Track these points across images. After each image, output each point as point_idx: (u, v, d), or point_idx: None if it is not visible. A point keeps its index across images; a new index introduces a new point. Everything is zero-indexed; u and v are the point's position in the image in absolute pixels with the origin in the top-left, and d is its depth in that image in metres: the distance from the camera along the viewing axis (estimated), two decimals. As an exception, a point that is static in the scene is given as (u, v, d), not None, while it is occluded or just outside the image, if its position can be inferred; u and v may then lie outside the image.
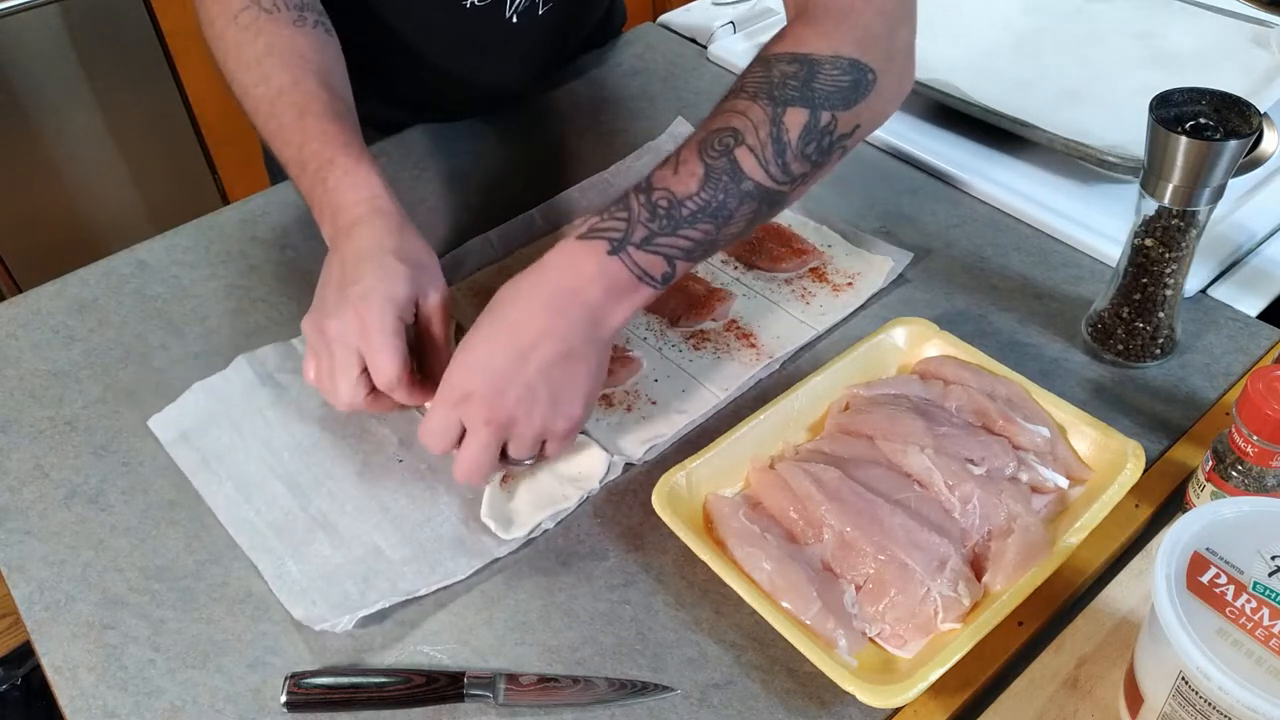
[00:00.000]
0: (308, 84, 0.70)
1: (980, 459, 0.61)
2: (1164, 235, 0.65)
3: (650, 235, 0.59)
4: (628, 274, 0.59)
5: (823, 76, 0.61)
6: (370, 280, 0.61)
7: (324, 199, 0.66)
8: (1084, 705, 0.52)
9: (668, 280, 0.61)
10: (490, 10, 0.89)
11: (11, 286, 1.92)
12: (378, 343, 0.59)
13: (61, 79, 1.82)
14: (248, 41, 0.72)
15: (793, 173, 0.61)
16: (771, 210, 0.63)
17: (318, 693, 0.54)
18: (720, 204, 0.59)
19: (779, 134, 0.60)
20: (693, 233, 0.59)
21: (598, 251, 0.59)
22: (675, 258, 0.60)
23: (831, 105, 0.61)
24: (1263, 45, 0.95)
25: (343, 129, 0.68)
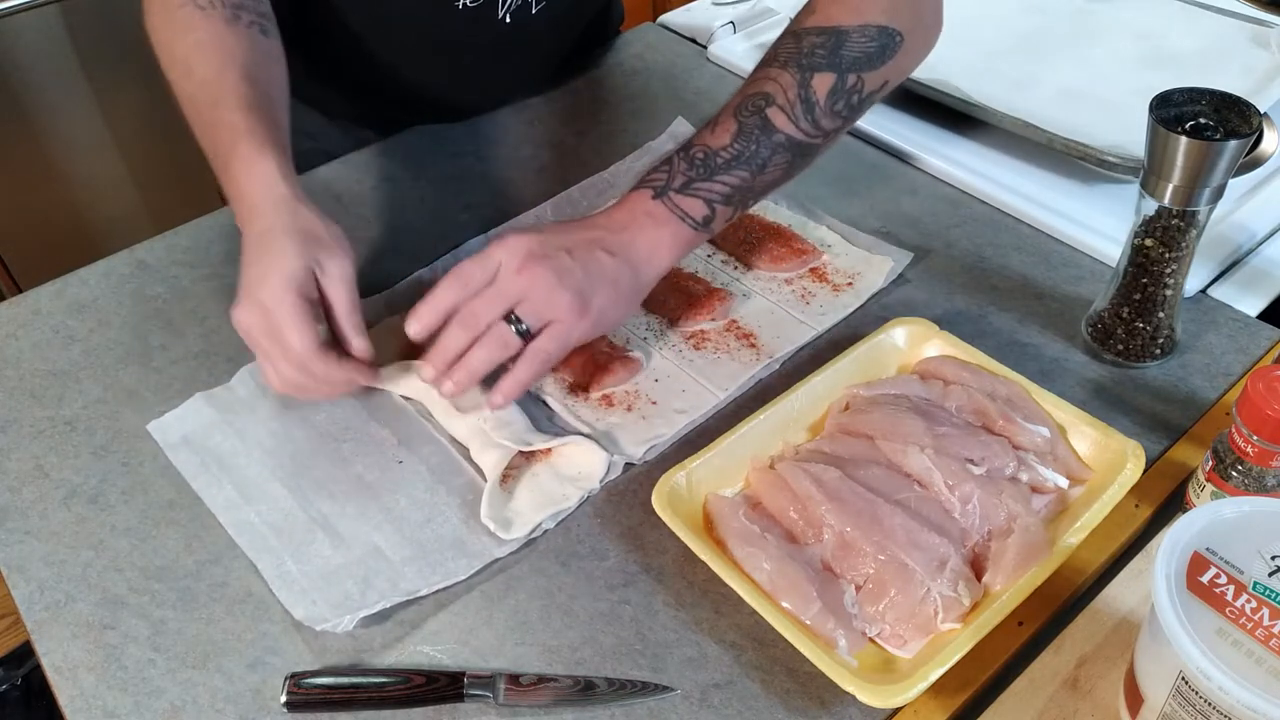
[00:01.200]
0: (228, 77, 0.70)
1: (980, 459, 0.61)
2: (1164, 235, 0.65)
3: (689, 181, 0.67)
4: (669, 214, 0.67)
5: (850, 44, 0.68)
6: (265, 261, 0.62)
7: (230, 188, 0.68)
8: (1084, 705, 0.52)
9: (708, 223, 0.68)
10: (483, 10, 0.89)
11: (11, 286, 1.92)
12: (279, 322, 0.61)
13: (61, 79, 1.82)
14: (179, 36, 0.73)
15: (824, 127, 0.69)
16: (805, 160, 0.70)
17: (318, 693, 0.54)
18: (753, 153, 0.67)
19: (808, 95, 0.67)
20: (729, 178, 0.67)
21: (645, 197, 0.67)
22: (714, 201, 0.67)
23: (858, 68, 0.68)
24: (1263, 45, 0.95)
25: (251, 119, 0.68)
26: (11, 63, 1.75)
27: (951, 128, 0.93)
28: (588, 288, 0.64)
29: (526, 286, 0.63)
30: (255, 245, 0.64)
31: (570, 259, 0.64)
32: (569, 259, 0.63)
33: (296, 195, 0.66)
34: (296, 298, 0.61)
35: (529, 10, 0.92)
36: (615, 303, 0.66)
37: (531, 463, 0.66)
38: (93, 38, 1.82)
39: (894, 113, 0.96)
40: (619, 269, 0.65)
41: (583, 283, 0.63)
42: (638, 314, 0.77)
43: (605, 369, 0.70)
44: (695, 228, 0.67)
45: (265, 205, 0.65)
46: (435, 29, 0.91)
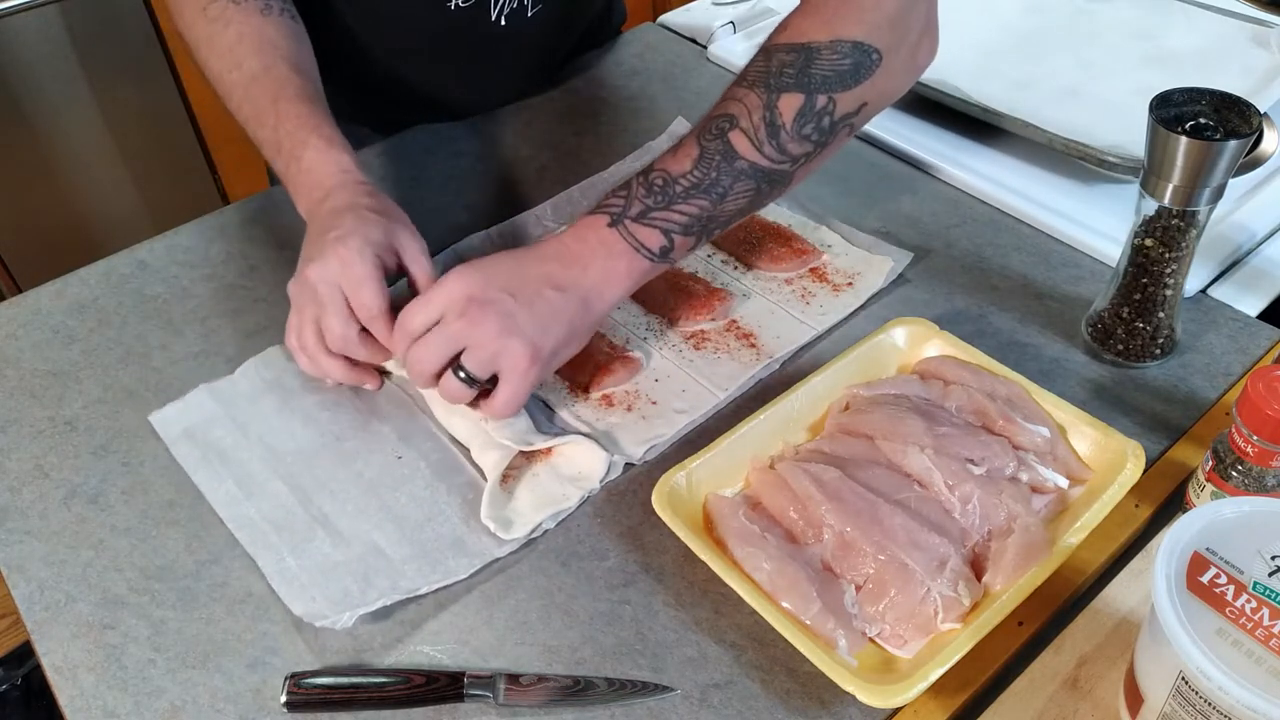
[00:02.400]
0: (279, 69, 0.74)
1: (980, 459, 0.61)
2: (1164, 235, 0.65)
3: (646, 210, 0.63)
4: (625, 245, 0.63)
5: (820, 62, 0.63)
6: (348, 225, 0.65)
7: (299, 177, 0.71)
8: (1084, 705, 0.52)
9: (665, 255, 0.64)
10: (475, 12, 0.89)
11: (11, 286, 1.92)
12: (359, 275, 0.63)
13: (61, 79, 1.82)
14: (219, 31, 0.76)
15: (791, 153, 0.64)
16: (774, 188, 0.66)
17: (318, 693, 0.54)
18: (714, 181, 0.63)
19: (772, 118, 0.63)
20: (688, 208, 0.63)
21: (599, 224, 0.64)
22: (672, 231, 0.64)
23: (829, 88, 0.63)
24: (1263, 45, 0.95)
25: (314, 112, 0.72)
26: (11, 63, 1.75)
27: (951, 128, 0.93)
28: (534, 331, 0.61)
29: (470, 334, 0.61)
30: (332, 217, 0.66)
31: (515, 302, 0.61)
32: (513, 302, 0.61)
33: (372, 184, 0.71)
34: (376, 259, 0.64)
35: (524, 14, 0.92)
36: (567, 342, 0.64)
37: (531, 463, 0.66)
38: (93, 38, 1.82)
39: (893, 112, 0.96)
40: (569, 307, 0.63)
41: (531, 328, 0.61)
42: (637, 314, 0.77)
43: (605, 369, 0.70)
44: (651, 259, 0.64)
45: (343, 188, 0.69)
46: (428, 30, 0.91)
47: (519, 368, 0.62)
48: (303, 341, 0.67)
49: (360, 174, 0.71)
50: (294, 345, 0.68)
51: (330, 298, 0.64)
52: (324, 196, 0.69)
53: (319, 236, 0.66)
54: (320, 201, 0.68)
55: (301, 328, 0.66)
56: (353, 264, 0.63)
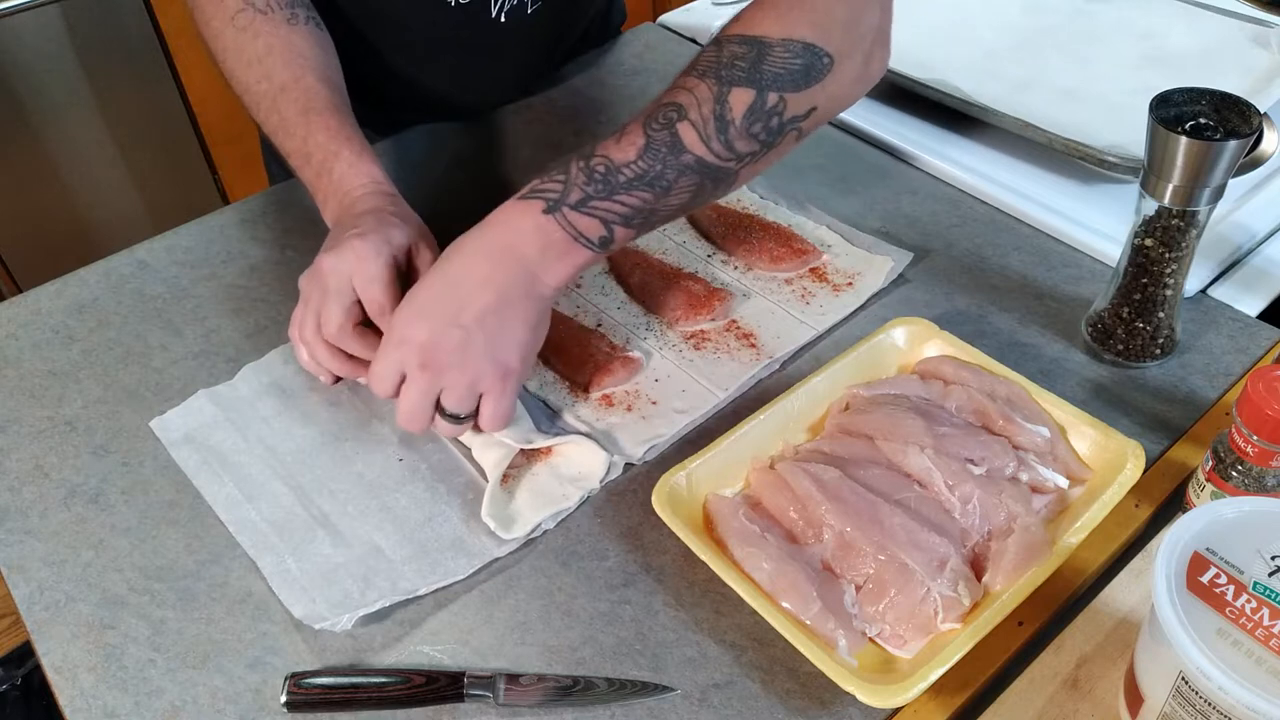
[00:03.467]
0: (308, 80, 0.74)
1: (980, 459, 0.61)
2: (1164, 235, 0.65)
3: (586, 198, 0.61)
4: (563, 233, 0.61)
5: (772, 58, 0.61)
6: (369, 224, 0.66)
7: (329, 188, 0.71)
8: (1084, 705, 0.52)
9: (605, 245, 0.62)
10: (475, 9, 0.89)
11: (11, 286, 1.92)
12: (371, 272, 0.64)
13: (61, 79, 1.82)
14: (247, 42, 0.76)
15: (738, 150, 0.62)
16: (717, 186, 0.64)
17: (318, 693, 0.54)
18: (658, 174, 0.61)
19: (722, 111, 0.61)
20: (629, 199, 0.61)
21: (534, 210, 0.61)
22: (612, 222, 0.61)
23: (780, 87, 0.62)
24: (1263, 45, 0.95)
25: (344, 124, 0.73)
26: (11, 63, 1.75)
27: (951, 128, 0.93)
28: (499, 347, 0.61)
29: (436, 380, 0.61)
30: (357, 219, 0.67)
31: (465, 332, 0.60)
32: (463, 333, 0.60)
33: (399, 195, 0.72)
34: (390, 259, 0.65)
35: (524, 10, 0.92)
36: (530, 341, 0.63)
37: (531, 463, 0.66)
38: (93, 38, 1.82)
39: (894, 112, 0.96)
40: (518, 308, 0.61)
41: (491, 345, 0.61)
42: (637, 314, 0.77)
43: (605, 369, 0.70)
44: (590, 248, 0.62)
45: (371, 196, 0.70)
46: (428, 27, 0.91)
47: (495, 387, 0.62)
48: (302, 332, 0.67)
49: (389, 185, 0.72)
50: (294, 336, 0.68)
51: (338, 288, 0.64)
52: (351, 204, 0.69)
53: (339, 234, 0.66)
54: (347, 208, 0.70)
55: (304, 318, 0.66)
56: (367, 259, 0.64)
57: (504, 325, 0.61)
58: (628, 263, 0.79)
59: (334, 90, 0.75)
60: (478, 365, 0.61)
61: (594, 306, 0.78)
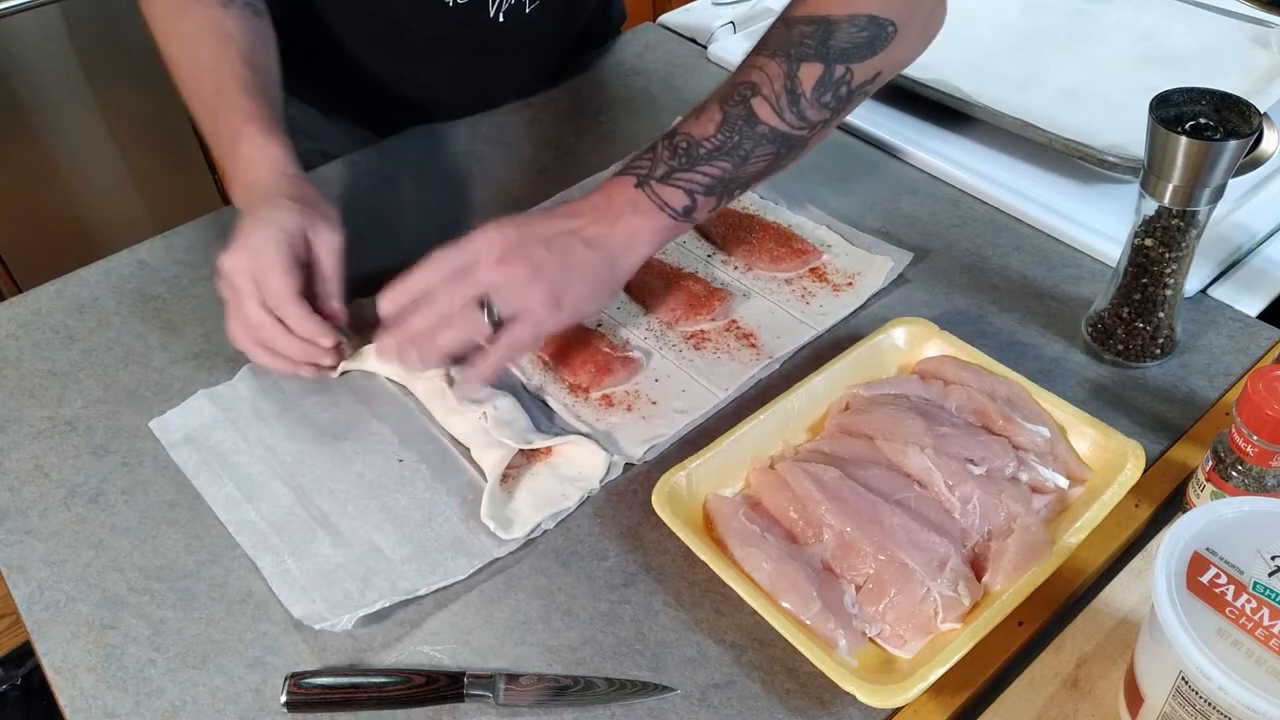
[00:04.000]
0: (229, 61, 0.75)
1: (980, 459, 0.61)
2: (1164, 235, 0.65)
3: (671, 171, 0.66)
4: (650, 204, 0.66)
5: (839, 34, 0.66)
6: (261, 212, 0.66)
7: (235, 170, 0.71)
8: (1084, 705, 0.52)
9: (689, 213, 0.67)
10: (473, 8, 0.89)
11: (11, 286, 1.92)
12: (266, 263, 0.64)
13: (61, 79, 1.82)
14: (176, 20, 0.77)
15: (809, 119, 0.67)
16: (792, 153, 0.68)
17: (318, 693, 0.54)
18: (735, 144, 0.66)
19: (793, 86, 0.66)
20: (710, 169, 0.66)
21: (627, 185, 0.67)
22: (695, 191, 0.66)
23: (847, 59, 0.66)
24: (1263, 45, 0.95)
25: (256, 104, 0.73)
26: (11, 63, 1.75)
27: (952, 127, 0.93)
28: (562, 282, 0.64)
29: (502, 278, 0.63)
30: (256, 208, 0.67)
31: (546, 252, 0.63)
32: (545, 252, 0.63)
33: (301, 174, 0.71)
34: (285, 246, 0.65)
35: (523, 9, 0.92)
36: (591, 295, 0.66)
37: (531, 463, 0.66)
38: (93, 38, 1.82)
39: (894, 112, 0.96)
40: (596, 261, 0.65)
41: (557, 277, 0.63)
42: (637, 314, 0.77)
43: (605, 369, 0.70)
44: (675, 217, 0.67)
45: (270, 179, 0.69)
46: (426, 27, 0.91)
47: (537, 313, 0.63)
48: (233, 334, 0.67)
49: (292, 166, 0.71)
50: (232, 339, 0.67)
51: (243, 288, 0.65)
52: (253, 189, 0.69)
53: (241, 228, 0.66)
54: (250, 193, 0.69)
55: (231, 321, 0.66)
56: (259, 251, 0.64)
57: (579, 269, 0.64)
58: (628, 263, 0.79)
59: (255, 72, 0.75)
60: (540, 285, 0.63)
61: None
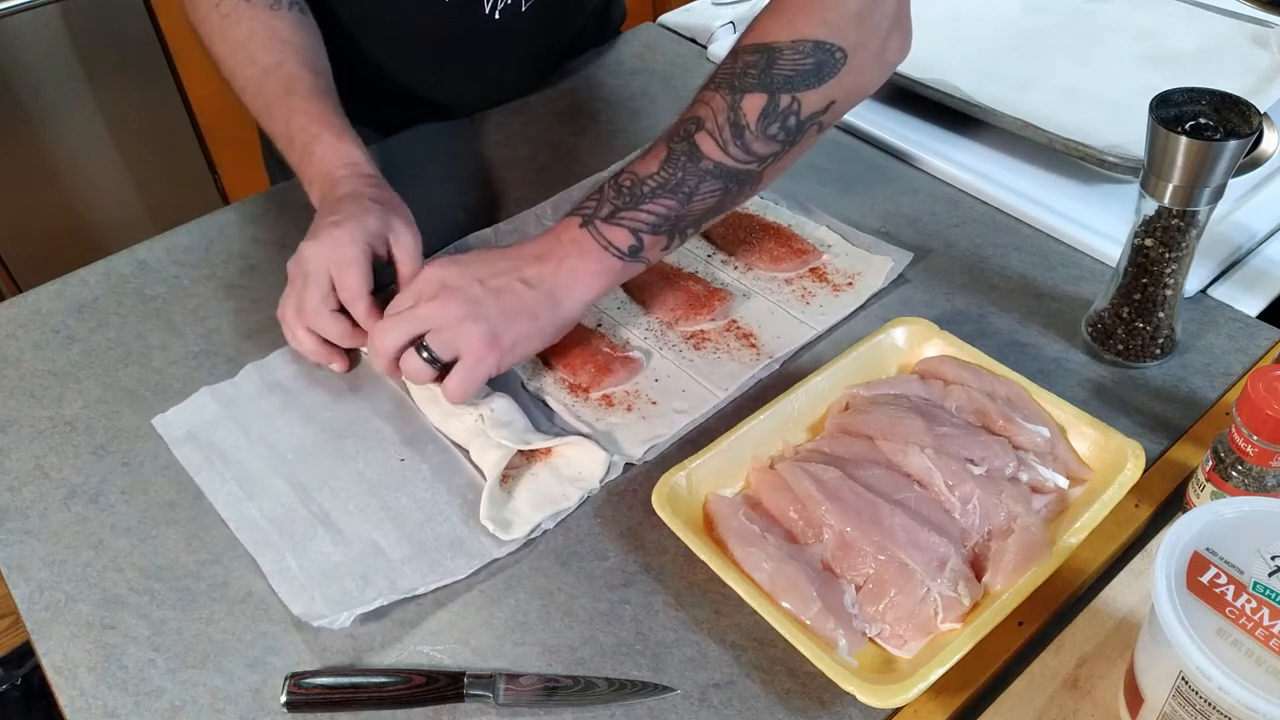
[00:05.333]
0: (290, 65, 0.77)
1: (980, 459, 0.61)
2: (1164, 235, 0.65)
3: (615, 210, 0.65)
4: (594, 244, 0.65)
5: (782, 62, 0.64)
6: (346, 211, 0.69)
7: (311, 169, 0.74)
8: (1084, 705, 0.52)
9: (635, 254, 0.66)
10: (469, 6, 0.89)
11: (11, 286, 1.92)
12: (346, 258, 0.67)
13: (61, 79, 1.82)
14: (230, 27, 0.78)
15: (756, 152, 0.65)
16: (743, 187, 0.67)
17: (318, 693, 0.54)
18: (679, 181, 0.64)
19: (737, 118, 0.64)
20: (655, 207, 0.65)
21: (572, 225, 0.66)
22: (640, 230, 0.65)
23: (793, 88, 0.64)
24: (1263, 45, 0.95)
25: (325, 107, 0.75)
26: (11, 63, 1.75)
27: (951, 128, 0.93)
28: (499, 320, 0.64)
29: (436, 317, 0.64)
30: (337, 204, 0.70)
31: (483, 290, 0.64)
32: (481, 290, 0.64)
33: (380, 176, 0.74)
34: (366, 246, 0.68)
35: (519, 7, 0.92)
36: (529, 335, 0.65)
37: (531, 463, 0.66)
38: (93, 38, 1.82)
39: (894, 112, 0.96)
40: (535, 300, 0.65)
41: (494, 315, 0.64)
42: (637, 314, 0.77)
43: (605, 369, 0.70)
44: (621, 258, 0.66)
45: (350, 180, 0.72)
46: (422, 25, 0.91)
47: (475, 352, 0.64)
48: (283, 312, 0.70)
49: (369, 167, 0.74)
50: (280, 315, 0.71)
51: (315, 275, 0.67)
52: (333, 186, 0.72)
53: (321, 221, 0.69)
54: (329, 191, 0.72)
55: (286, 300, 0.70)
56: (342, 246, 0.67)
57: (517, 306, 0.64)
58: (628, 263, 0.79)
59: (316, 74, 0.77)
60: (474, 321, 0.63)
61: (594, 307, 0.78)
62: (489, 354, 0.64)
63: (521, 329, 0.65)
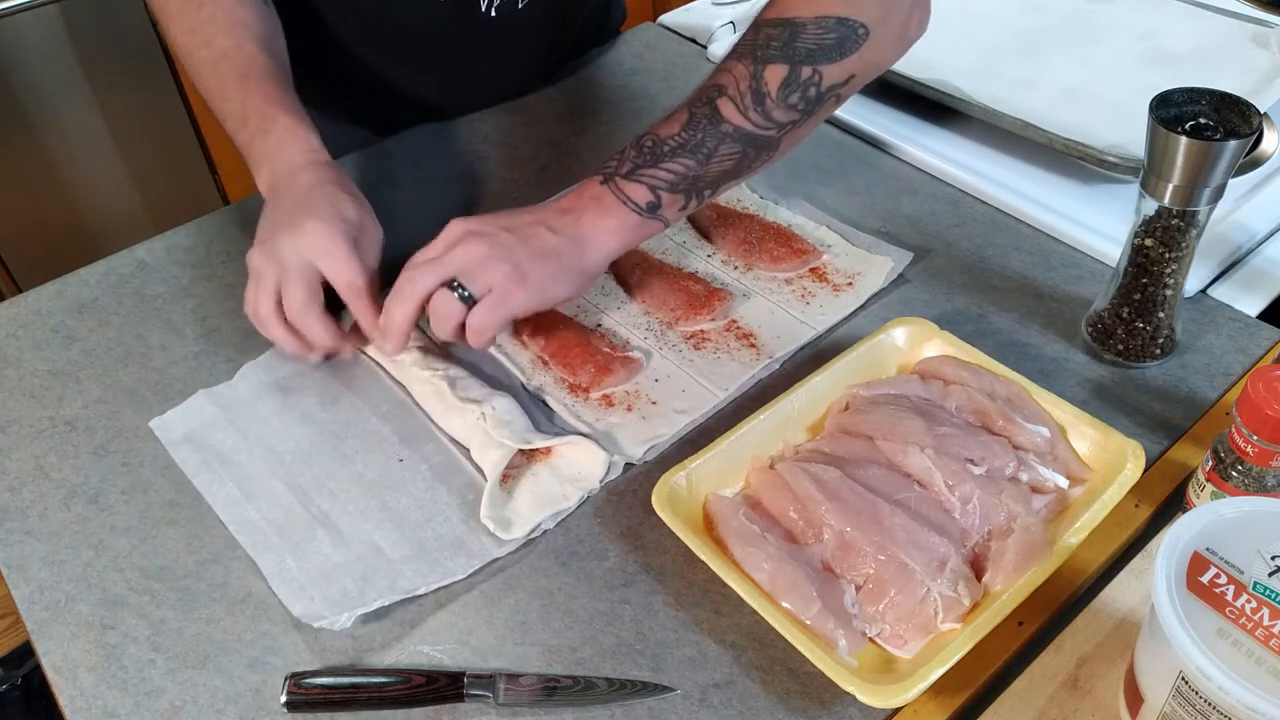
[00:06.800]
0: (249, 48, 0.76)
1: (980, 459, 0.61)
2: (1164, 235, 0.65)
3: (635, 168, 0.67)
4: (614, 199, 0.67)
5: (805, 36, 0.66)
6: (324, 206, 0.68)
7: (263, 151, 0.73)
8: (1084, 705, 0.52)
9: (654, 210, 0.68)
10: (465, 3, 0.89)
11: (11, 286, 1.92)
12: (342, 253, 0.66)
13: (61, 79, 1.82)
14: (190, 10, 0.78)
15: (776, 119, 0.67)
16: (761, 153, 0.69)
17: (318, 693, 0.54)
18: (699, 142, 0.66)
19: (759, 87, 0.66)
20: (674, 166, 0.67)
21: (593, 183, 0.68)
22: (658, 187, 0.67)
23: (814, 61, 0.66)
24: (1263, 45, 0.95)
25: (282, 91, 0.75)
26: (11, 63, 1.75)
27: (951, 127, 0.93)
28: (525, 259, 0.65)
29: (463, 259, 0.65)
30: (308, 194, 0.69)
31: (509, 235, 0.66)
32: (508, 235, 0.65)
33: (334, 164, 0.73)
34: (350, 238, 0.67)
35: (515, 5, 0.92)
36: (556, 276, 0.66)
37: (531, 462, 0.66)
38: (93, 38, 1.82)
39: (894, 112, 0.96)
40: (560, 244, 0.66)
41: (520, 255, 0.65)
42: (637, 314, 0.77)
43: (605, 369, 0.70)
44: (639, 213, 0.67)
45: (312, 168, 0.71)
46: (419, 22, 0.91)
47: (500, 289, 0.65)
48: (254, 309, 0.68)
49: (326, 155, 0.74)
50: (251, 313, 0.69)
51: (299, 269, 0.66)
52: (293, 173, 0.71)
53: (290, 211, 0.68)
54: (288, 177, 0.71)
55: (259, 296, 0.68)
56: (332, 241, 0.66)
57: (542, 248, 0.66)
58: (628, 263, 0.79)
59: (274, 59, 0.77)
60: (502, 262, 0.64)
61: (594, 306, 0.78)
62: (516, 290, 0.65)
63: (549, 268, 0.66)
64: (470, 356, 0.74)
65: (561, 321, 0.74)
